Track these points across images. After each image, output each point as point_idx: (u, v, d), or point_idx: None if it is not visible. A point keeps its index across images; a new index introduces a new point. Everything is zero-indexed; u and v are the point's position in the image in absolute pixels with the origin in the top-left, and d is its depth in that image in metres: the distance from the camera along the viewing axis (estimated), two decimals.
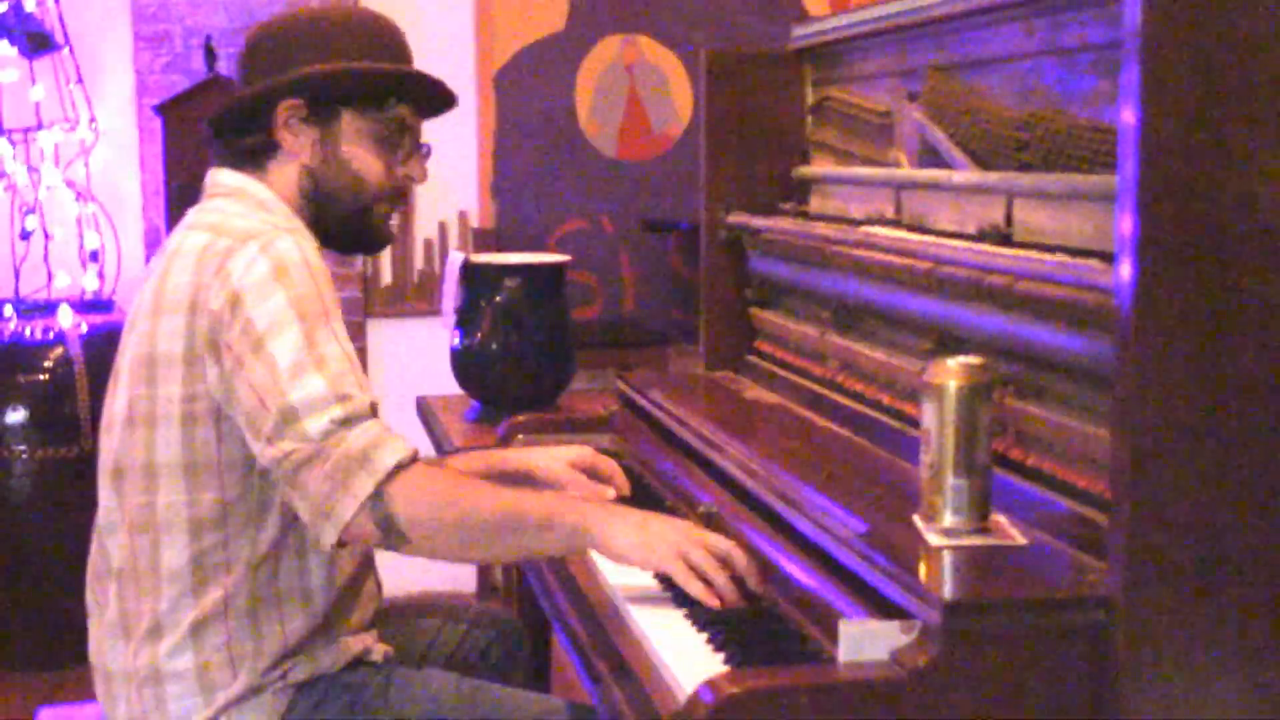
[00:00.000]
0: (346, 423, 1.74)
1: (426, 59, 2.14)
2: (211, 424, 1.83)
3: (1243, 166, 1.40)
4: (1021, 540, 1.62)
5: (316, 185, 1.99)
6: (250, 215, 1.90)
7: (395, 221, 2.07)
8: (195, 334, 1.82)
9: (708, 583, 1.73)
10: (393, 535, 1.75)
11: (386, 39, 2.02)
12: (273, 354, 1.76)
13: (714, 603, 1.72)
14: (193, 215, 1.97)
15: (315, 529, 1.76)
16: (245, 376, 1.77)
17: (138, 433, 1.87)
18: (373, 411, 1.77)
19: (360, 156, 1.99)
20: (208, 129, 2.02)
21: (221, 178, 2.00)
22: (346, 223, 2.02)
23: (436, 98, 2.07)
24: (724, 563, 1.75)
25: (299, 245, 1.84)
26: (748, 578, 1.76)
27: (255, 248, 1.82)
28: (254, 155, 1.99)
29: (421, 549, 1.80)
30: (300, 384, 1.74)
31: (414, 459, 1.76)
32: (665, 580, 1.83)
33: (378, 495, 1.73)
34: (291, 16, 2.05)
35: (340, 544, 1.77)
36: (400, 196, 2.06)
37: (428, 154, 2.07)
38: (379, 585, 2.10)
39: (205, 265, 1.83)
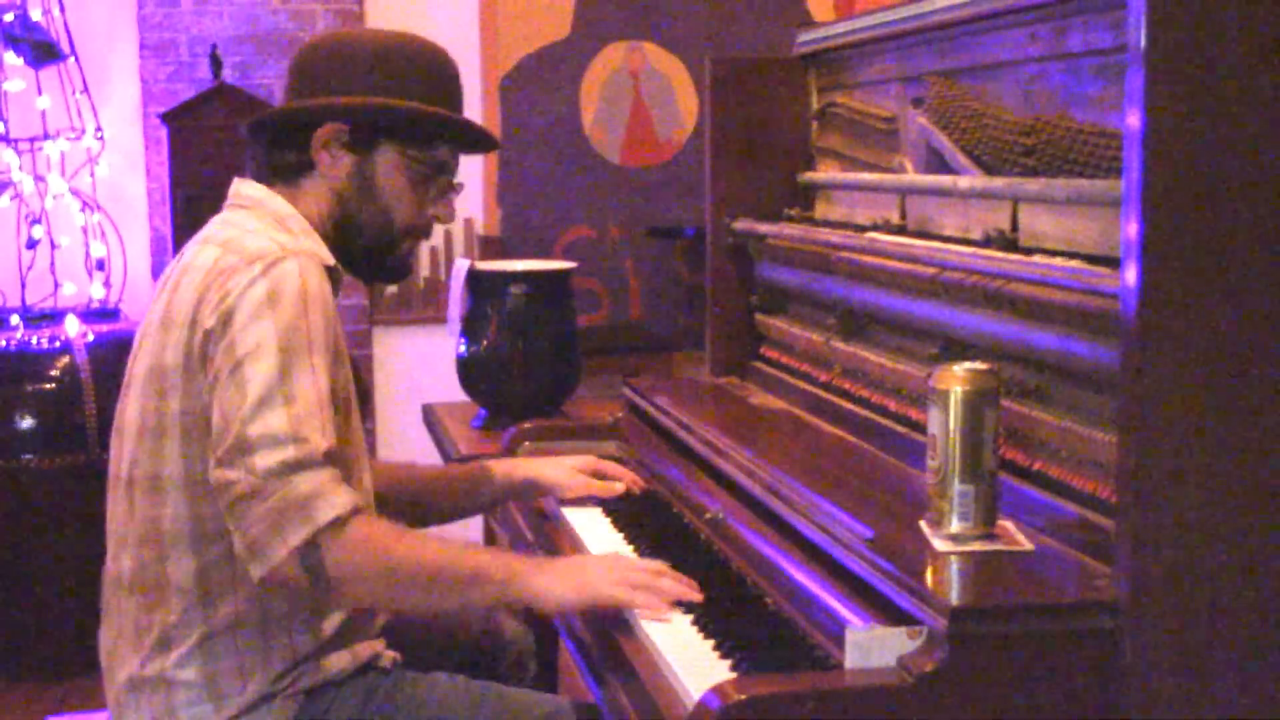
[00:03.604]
0: (296, 466, 1.72)
1: None
2: (206, 436, 1.82)
3: (1247, 171, 1.40)
4: (1028, 545, 1.62)
5: (345, 212, 1.98)
6: (266, 233, 1.90)
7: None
8: (193, 349, 1.82)
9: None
10: (321, 584, 1.75)
11: (442, 79, 2.01)
12: (246, 379, 1.75)
13: (664, 606, 1.76)
14: (209, 227, 1.97)
15: (244, 563, 1.76)
16: (219, 394, 1.77)
17: (146, 444, 1.87)
18: (327, 459, 1.75)
19: (393, 191, 1.99)
20: (245, 133, 2.01)
21: (244, 189, 2.00)
22: (369, 253, 2.01)
23: (479, 141, 2.09)
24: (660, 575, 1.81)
25: (303, 272, 1.83)
26: (687, 588, 1.80)
27: (258, 269, 1.81)
28: (288, 170, 1.98)
29: (351, 599, 1.84)
30: (263, 416, 1.73)
31: (354, 512, 1.75)
32: None
33: (311, 545, 1.72)
34: (354, 37, 2.05)
35: (263, 583, 1.76)
36: (426, 233, 2.06)
37: (458, 192, 2.07)
38: None
39: (210, 282, 1.83)
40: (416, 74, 1.98)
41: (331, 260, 1.95)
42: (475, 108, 4.72)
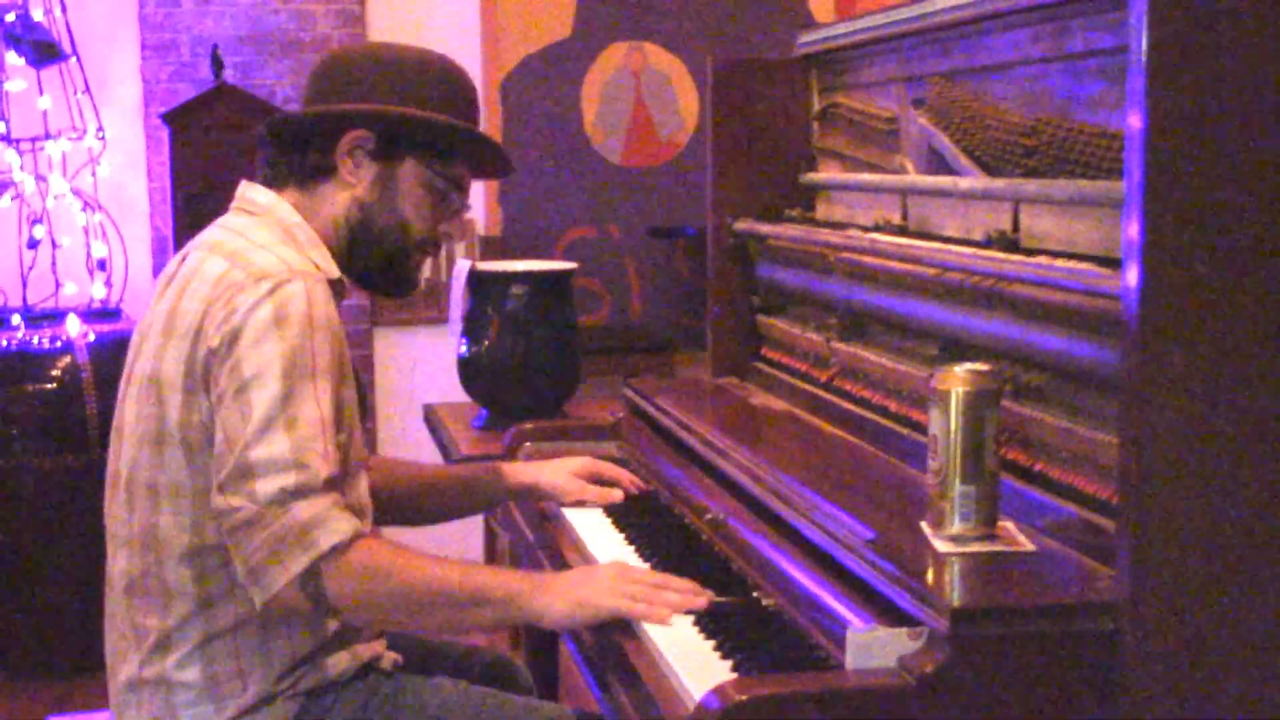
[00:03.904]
0: (297, 493, 1.73)
1: None
2: (207, 451, 1.82)
3: (1248, 172, 1.40)
4: (1029, 546, 1.62)
5: (364, 220, 1.98)
6: (273, 246, 1.88)
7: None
8: (194, 364, 1.82)
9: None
10: (323, 609, 1.78)
11: (465, 96, 2.02)
12: (250, 402, 1.75)
13: (665, 617, 1.75)
14: (215, 232, 1.95)
15: (246, 589, 1.78)
16: (222, 415, 1.78)
17: (146, 451, 1.86)
18: (329, 485, 1.75)
19: (413, 204, 1.99)
20: (263, 133, 2.00)
21: (251, 194, 1.98)
22: (382, 263, 2.01)
23: (496, 164, 2.09)
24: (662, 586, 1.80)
25: (309, 294, 1.82)
26: (688, 597, 1.79)
27: (265, 288, 1.80)
28: (305, 173, 1.97)
29: (354, 621, 1.88)
30: (265, 441, 1.74)
31: (355, 538, 1.75)
32: None
33: (312, 572, 1.73)
34: (376, 49, 2.05)
35: (265, 609, 1.77)
36: (436, 249, 2.07)
37: (467, 211, 2.08)
38: None
39: (216, 296, 1.82)
40: (444, 90, 1.99)
41: (337, 273, 1.95)
42: None
